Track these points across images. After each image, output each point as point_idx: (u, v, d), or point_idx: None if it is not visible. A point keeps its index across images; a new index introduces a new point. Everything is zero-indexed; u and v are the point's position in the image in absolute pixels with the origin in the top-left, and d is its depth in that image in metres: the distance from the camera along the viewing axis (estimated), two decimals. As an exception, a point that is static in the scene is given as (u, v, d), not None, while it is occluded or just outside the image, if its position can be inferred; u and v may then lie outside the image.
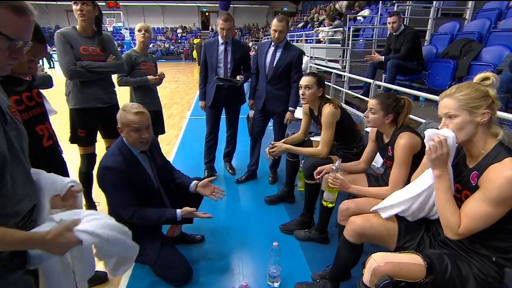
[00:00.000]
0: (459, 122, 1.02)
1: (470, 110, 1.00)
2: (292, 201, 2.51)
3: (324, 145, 1.95)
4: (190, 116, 5.56)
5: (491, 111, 1.00)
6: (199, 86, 2.77)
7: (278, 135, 2.69)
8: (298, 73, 2.49)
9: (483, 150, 1.02)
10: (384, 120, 1.52)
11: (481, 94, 1.00)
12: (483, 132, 1.02)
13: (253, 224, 2.25)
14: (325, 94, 2.02)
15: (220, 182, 2.90)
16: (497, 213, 0.94)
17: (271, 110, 2.63)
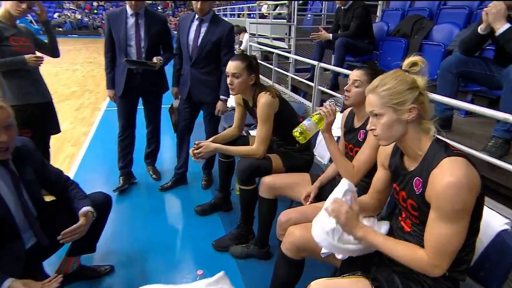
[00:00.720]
0: (385, 122, 1.02)
1: (394, 108, 1.00)
2: (228, 209, 2.45)
3: (260, 142, 1.87)
4: (106, 107, 5.10)
5: (419, 105, 1.00)
6: (106, 71, 2.52)
7: (210, 130, 2.59)
8: (229, 53, 2.38)
9: (420, 151, 1.04)
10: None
11: (407, 86, 1.00)
12: (414, 131, 1.03)
13: (179, 242, 2.13)
14: (260, 81, 1.94)
15: (139, 190, 2.71)
16: (463, 226, 0.95)
17: (198, 100, 2.50)
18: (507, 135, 1.83)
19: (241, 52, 5.78)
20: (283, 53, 3.89)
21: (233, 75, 1.82)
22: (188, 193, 2.72)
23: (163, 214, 2.43)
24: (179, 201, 2.61)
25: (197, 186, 2.79)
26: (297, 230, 1.34)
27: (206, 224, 2.29)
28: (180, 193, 2.71)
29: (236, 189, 2.54)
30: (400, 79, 1.01)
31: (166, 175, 2.90)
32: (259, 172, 1.88)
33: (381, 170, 1.27)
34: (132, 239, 2.10)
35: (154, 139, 2.83)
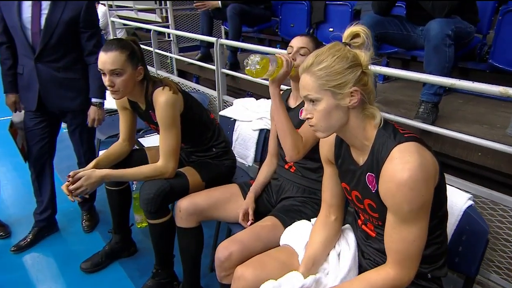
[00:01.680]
0: (323, 109, 1.02)
1: (333, 91, 1.01)
2: (132, 253, 2.28)
3: (168, 156, 1.75)
4: None
5: (361, 87, 1.02)
6: None
7: (83, 149, 2.37)
8: (95, 36, 2.18)
9: (366, 141, 1.07)
10: None
11: (347, 64, 1.01)
12: (357, 118, 1.05)
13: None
14: (149, 72, 1.80)
15: None
16: (425, 225, 1.01)
17: (57, 108, 2.23)
18: (435, 99, 2.13)
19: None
20: (164, 30, 3.69)
21: (112, 73, 1.61)
22: (65, 245, 2.40)
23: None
24: (52, 261, 2.26)
25: (76, 231, 2.50)
26: (248, 271, 1.28)
27: (104, 283, 2.07)
28: (51, 248, 2.36)
29: (138, 221, 2.44)
30: (339, 55, 1.01)
31: (19, 226, 2.52)
32: (173, 196, 1.76)
33: (328, 168, 1.29)
34: None
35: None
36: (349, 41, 1.07)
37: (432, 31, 2.02)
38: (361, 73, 1.02)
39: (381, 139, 1.03)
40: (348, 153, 1.15)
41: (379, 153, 1.02)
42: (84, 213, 2.54)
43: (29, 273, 2.16)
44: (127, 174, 1.76)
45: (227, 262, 1.41)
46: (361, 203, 1.14)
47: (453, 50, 2.04)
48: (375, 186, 1.05)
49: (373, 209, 1.10)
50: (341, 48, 1.03)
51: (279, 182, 1.72)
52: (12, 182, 2.99)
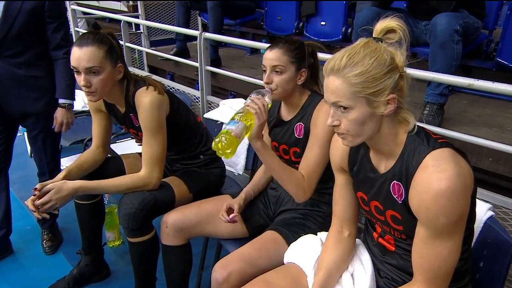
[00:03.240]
0: (356, 118, 1.03)
1: (369, 99, 1.01)
2: (105, 276, 2.26)
3: (152, 164, 1.74)
4: None
5: (398, 94, 1.03)
6: None
7: (46, 158, 2.34)
8: (62, 28, 2.17)
9: (396, 148, 1.09)
10: (296, 80, 1.55)
11: (385, 68, 1.00)
12: (389, 125, 1.07)
13: None
14: (129, 70, 1.81)
15: None
16: (460, 239, 1.03)
17: (16, 111, 2.21)
18: (441, 99, 2.22)
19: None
20: (135, 20, 3.68)
21: (88, 71, 1.60)
22: (22, 269, 2.34)
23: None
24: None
25: (35, 254, 2.44)
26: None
27: None
28: (6, 274, 2.31)
29: (110, 240, 2.44)
30: (376, 57, 1.00)
31: None
32: (158, 210, 1.75)
33: (340, 176, 1.30)
34: None
35: None
36: (382, 36, 1.05)
37: (439, 26, 2.10)
38: (399, 77, 1.01)
39: (412, 145, 1.03)
40: (367, 159, 1.16)
41: (409, 160, 1.03)
42: (45, 232, 2.49)
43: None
44: (105, 185, 1.74)
45: (225, 283, 1.42)
46: (381, 215, 1.15)
47: (461, 47, 2.13)
48: (403, 195, 1.05)
49: (397, 221, 1.11)
50: (376, 47, 1.01)
51: (277, 192, 1.75)
52: None
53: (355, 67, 0.99)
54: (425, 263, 1.03)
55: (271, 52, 1.53)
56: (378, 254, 1.25)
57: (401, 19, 1.07)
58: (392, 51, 1.02)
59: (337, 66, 1.01)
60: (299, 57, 1.53)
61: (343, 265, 1.29)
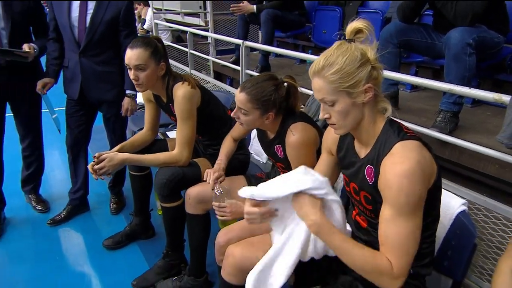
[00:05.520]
0: (341, 109, 1.06)
1: (347, 91, 1.04)
2: (150, 236, 2.40)
3: (182, 145, 1.86)
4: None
5: (373, 82, 1.06)
6: None
7: (115, 136, 2.52)
8: (131, 35, 2.32)
9: (373, 134, 1.11)
10: (263, 120, 1.52)
11: (357, 63, 1.03)
12: (370, 112, 1.10)
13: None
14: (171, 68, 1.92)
15: (18, 230, 2.50)
16: (420, 222, 1.03)
17: (96, 98, 2.40)
18: (455, 108, 2.11)
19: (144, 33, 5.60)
20: (200, 32, 3.88)
21: (137, 68, 1.76)
22: (93, 223, 2.59)
23: (57, 258, 2.26)
24: (80, 236, 2.47)
25: (104, 212, 2.68)
26: (237, 250, 1.36)
27: (121, 260, 2.22)
28: (80, 224, 2.57)
29: (158, 208, 2.52)
30: (348, 55, 1.02)
31: (57, 203, 2.74)
32: (185, 184, 1.86)
33: (325, 156, 1.35)
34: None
35: (34, 157, 2.63)
36: (353, 37, 1.07)
37: (452, 39, 2.01)
38: (371, 69, 1.03)
39: (386, 134, 1.07)
40: (351, 146, 1.19)
41: (381, 147, 1.06)
42: (113, 197, 2.71)
43: (60, 244, 2.38)
44: (145, 159, 1.89)
45: (225, 246, 1.47)
46: (357, 195, 1.18)
47: (474, 60, 2.01)
48: (373, 178, 1.08)
49: (368, 201, 1.13)
50: (348, 47, 1.03)
51: None
52: (56, 164, 3.26)
53: (331, 67, 1.02)
54: (389, 240, 1.03)
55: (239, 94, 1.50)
56: (355, 230, 1.27)
57: (367, 20, 1.09)
58: (363, 47, 1.04)
59: (317, 68, 1.05)
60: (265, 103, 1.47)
61: None
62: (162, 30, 4.91)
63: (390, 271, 1.02)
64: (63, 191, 2.73)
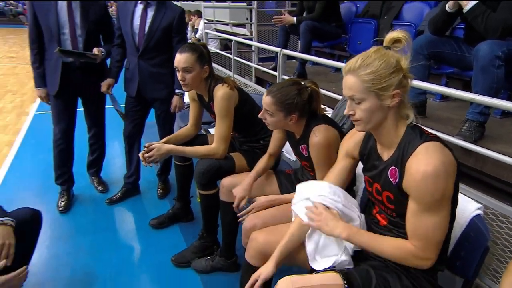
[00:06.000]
0: (367, 108, 1.05)
1: (377, 93, 1.04)
2: (189, 220, 2.46)
3: (220, 141, 1.90)
4: (36, 111, 4.87)
5: (402, 90, 1.05)
6: (32, 66, 2.43)
7: (164, 130, 2.60)
8: (182, 41, 2.40)
9: (395, 138, 1.10)
10: (286, 121, 1.52)
11: (391, 69, 1.03)
12: (393, 117, 1.09)
13: (133, 263, 2.10)
14: (214, 72, 1.96)
15: (83, 206, 2.65)
16: (446, 215, 1.03)
17: (150, 97, 2.49)
18: (481, 118, 2.00)
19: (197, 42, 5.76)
20: (244, 41, 3.93)
21: (184, 70, 1.83)
22: (142, 204, 2.69)
23: (112, 232, 2.38)
24: (131, 215, 2.58)
25: (151, 196, 2.77)
26: (260, 235, 1.38)
27: (164, 239, 2.29)
28: (132, 205, 2.68)
29: (197, 196, 2.53)
30: (385, 60, 1.02)
31: (114, 186, 2.86)
32: (220, 174, 1.90)
33: (342, 159, 1.33)
34: (76, 265, 2.04)
35: (98, 145, 2.77)
36: (390, 45, 1.06)
37: (481, 51, 1.90)
38: (402, 77, 1.03)
39: (408, 136, 1.06)
40: (374, 149, 1.18)
41: (405, 149, 1.05)
42: (160, 183, 2.80)
43: (115, 220, 2.51)
44: (187, 150, 1.95)
45: (250, 231, 1.51)
46: (379, 195, 1.17)
47: (502, 72, 1.89)
48: (397, 179, 1.07)
49: (390, 200, 1.12)
50: (385, 53, 1.03)
51: None
52: (115, 153, 3.41)
53: (367, 68, 1.02)
54: (417, 232, 1.05)
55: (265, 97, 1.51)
56: (374, 226, 1.25)
57: (406, 32, 1.08)
58: (398, 56, 1.04)
59: (352, 67, 1.05)
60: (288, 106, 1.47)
61: None
62: (212, 39, 5.03)
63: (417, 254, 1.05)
64: (119, 175, 2.86)
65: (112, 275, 1.98)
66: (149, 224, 2.39)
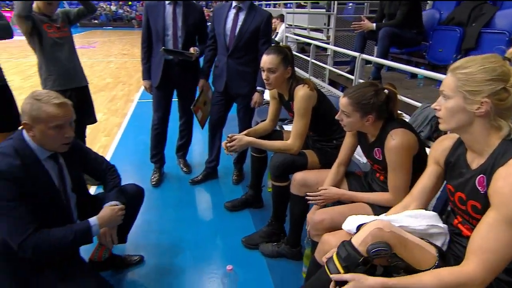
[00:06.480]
0: (450, 107, 0.97)
1: (465, 95, 0.93)
2: (259, 206, 2.46)
3: (296, 137, 1.86)
4: (139, 99, 5.32)
5: (495, 100, 0.91)
6: (142, 61, 2.63)
7: (244, 123, 2.62)
8: (268, 43, 2.40)
9: (487, 147, 0.97)
10: (363, 122, 1.43)
11: (490, 76, 0.91)
12: (482, 125, 0.96)
13: (209, 237, 2.17)
14: (295, 73, 1.92)
15: (170, 183, 2.81)
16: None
17: (234, 92, 2.53)
18: None
19: (276, 44, 5.77)
20: (322, 44, 3.82)
21: (268, 70, 1.82)
22: (219, 187, 2.77)
23: (193, 208, 2.49)
24: (209, 195, 2.67)
25: (227, 181, 2.84)
26: (333, 239, 1.31)
27: (235, 220, 2.33)
28: (210, 187, 2.77)
29: (268, 186, 2.57)
30: (486, 67, 0.92)
31: (196, 168, 2.98)
32: (293, 168, 1.86)
33: (431, 167, 1.20)
34: (162, 232, 2.18)
35: (186, 132, 2.91)
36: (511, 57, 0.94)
37: None
38: (502, 89, 0.91)
39: (504, 148, 0.94)
40: (463, 157, 1.06)
41: (498, 157, 0.94)
42: (235, 171, 2.84)
43: (195, 198, 2.62)
44: (265, 144, 1.95)
45: (318, 225, 1.47)
46: (463, 204, 1.05)
47: None
48: (485, 187, 0.95)
49: (477, 210, 0.99)
50: (496, 60, 0.93)
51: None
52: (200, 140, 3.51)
53: (466, 68, 0.95)
54: (484, 244, 0.89)
55: (342, 98, 1.44)
56: (456, 237, 1.11)
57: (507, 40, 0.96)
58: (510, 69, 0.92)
59: (454, 66, 0.98)
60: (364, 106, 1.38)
61: None
62: (291, 42, 4.98)
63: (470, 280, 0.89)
64: (202, 160, 2.96)
65: (191, 245, 2.07)
66: (224, 206, 2.44)
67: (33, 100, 1.29)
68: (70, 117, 1.36)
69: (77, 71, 2.44)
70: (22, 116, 1.32)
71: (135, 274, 1.85)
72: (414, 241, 1.02)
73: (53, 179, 1.41)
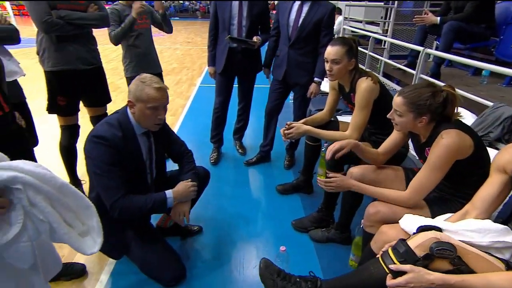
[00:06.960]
0: None
1: None
2: (309, 192, 2.38)
3: (355, 129, 1.74)
4: (200, 83, 5.39)
5: None
6: (208, 49, 2.61)
7: (299, 112, 2.53)
8: (329, 35, 2.24)
9: None
10: (415, 123, 1.29)
11: None
12: None
13: (261, 216, 2.15)
14: (359, 65, 1.77)
15: (227, 163, 2.82)
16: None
17: (293, 81, 2.43)
18: None
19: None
20: (381, 37, 3.52)
21: (332, 61, 1.68)
22: (271, 170, 2.72)
23: (246, 188, 2.48)
24: (262, 177, 2.63)
25: (279, 165, 2.77)
26: (391, 231, 1.21)
27: (286, 203, 2.27)
28: (263, 169, 2.73)
29: (319, 173, 2.48)
30: None
31: (251, 151, 2.96)
32: (349, 160, 1.74)
33: (496, 175, 1.04)
34: (219, 207, 2.19)
35: (243, 116, 2.87)
36: None
37: None
38: None
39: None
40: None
41: None
42: (287, 156, 2.77)
43: (248, 178, 2.59)
44: (322, 133, 1.85)
45: (373, 216, 1.37)
46: None
47: None
48: None
49: None
50: None
51: None
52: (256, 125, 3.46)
53: None
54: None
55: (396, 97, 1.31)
56: None
57: None
58: None
59: None
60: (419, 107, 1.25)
61: None
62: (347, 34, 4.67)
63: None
64: (256, 144, 2.93)
65: (245, 221, 2.06)
66: (276, 189, 2.39)
67: (139, 82, 1.36)
68: (165, 101, 1.40)
69: (153, 59, 2.49)
70: (128, 94, 1.38)
71: (195, 242, 1.88)
72: (476, 252, 0.91)
73: (143, 153, 1.47)
